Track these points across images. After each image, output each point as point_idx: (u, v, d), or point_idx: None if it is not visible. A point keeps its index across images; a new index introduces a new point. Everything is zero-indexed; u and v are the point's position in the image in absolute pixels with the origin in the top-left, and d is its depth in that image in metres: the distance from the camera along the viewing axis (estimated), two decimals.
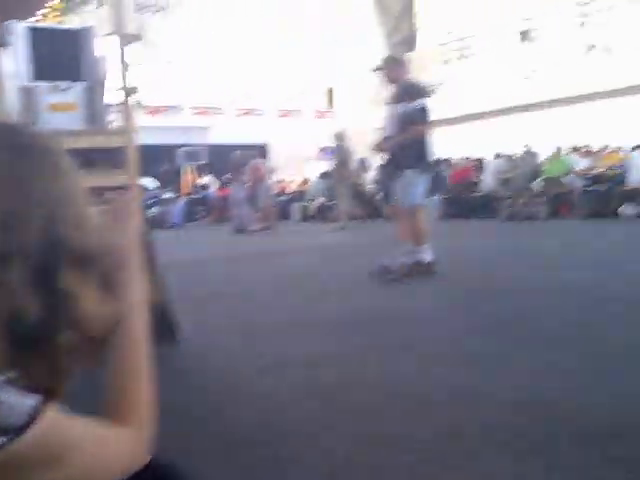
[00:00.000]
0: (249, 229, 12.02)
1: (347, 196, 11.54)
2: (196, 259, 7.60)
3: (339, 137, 11.34)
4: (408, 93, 4.82)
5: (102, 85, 2.85)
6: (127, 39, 2.82)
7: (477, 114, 26.38)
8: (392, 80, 5.00)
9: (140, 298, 0.76)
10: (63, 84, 2.73)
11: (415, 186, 4.78)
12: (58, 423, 0.60)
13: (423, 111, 4.80)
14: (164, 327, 3.27)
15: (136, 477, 0.67)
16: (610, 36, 24.00)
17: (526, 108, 24.72)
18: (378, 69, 5.06)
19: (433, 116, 4.94)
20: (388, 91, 5.12)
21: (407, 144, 4.71)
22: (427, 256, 4.87)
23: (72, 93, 2.75)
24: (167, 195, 15.13)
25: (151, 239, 2.99)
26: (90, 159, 2.73)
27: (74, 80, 2.76)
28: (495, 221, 11.04)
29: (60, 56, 2.76)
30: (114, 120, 2.99)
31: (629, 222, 9.49)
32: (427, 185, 4.97)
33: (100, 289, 0.69)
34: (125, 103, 2.80)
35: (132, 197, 2.86)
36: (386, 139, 4.93)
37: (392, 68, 5.00)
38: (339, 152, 11.29)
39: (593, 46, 24.21)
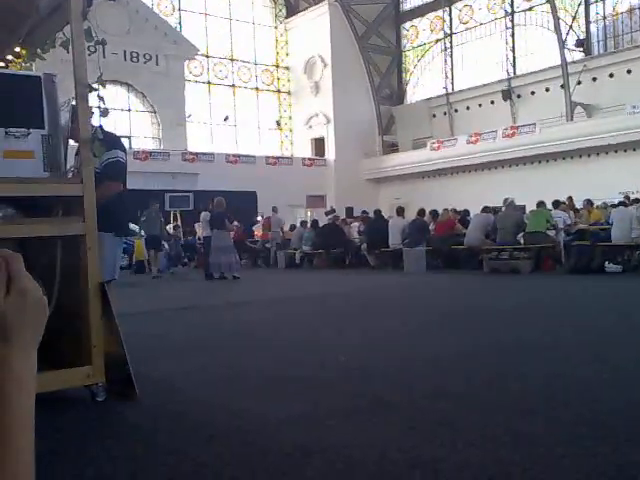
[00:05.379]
0: (226, 276, 12.00)
1: None
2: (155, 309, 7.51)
3: None
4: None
5: (62, 133, 2.78)
6: (87, 87, 2.77)
7: (464, 167, 26.75)
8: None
9: (25, 373, 0.65)
10: (18, 131, 2.65)
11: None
12: None
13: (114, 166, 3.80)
14: (120, 381, 3.14)
15: None
16: (590, 97, 24.65)
17: (510, 163, 25.13)
18: None
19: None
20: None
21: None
22: None
23: (28, 140, 2.68)
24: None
25: (106, 288, 2.88)
26: (44, 207, 2.65)
27: (32, 127, 2.69)
28: (478, 274, 11.04)
29: (17, 102, 2.71)
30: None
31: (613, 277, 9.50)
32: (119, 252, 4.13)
33: None
34: (87, 148, 2.74)
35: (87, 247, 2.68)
36: None
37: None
38: None
39: (576, 105, 24.81)
